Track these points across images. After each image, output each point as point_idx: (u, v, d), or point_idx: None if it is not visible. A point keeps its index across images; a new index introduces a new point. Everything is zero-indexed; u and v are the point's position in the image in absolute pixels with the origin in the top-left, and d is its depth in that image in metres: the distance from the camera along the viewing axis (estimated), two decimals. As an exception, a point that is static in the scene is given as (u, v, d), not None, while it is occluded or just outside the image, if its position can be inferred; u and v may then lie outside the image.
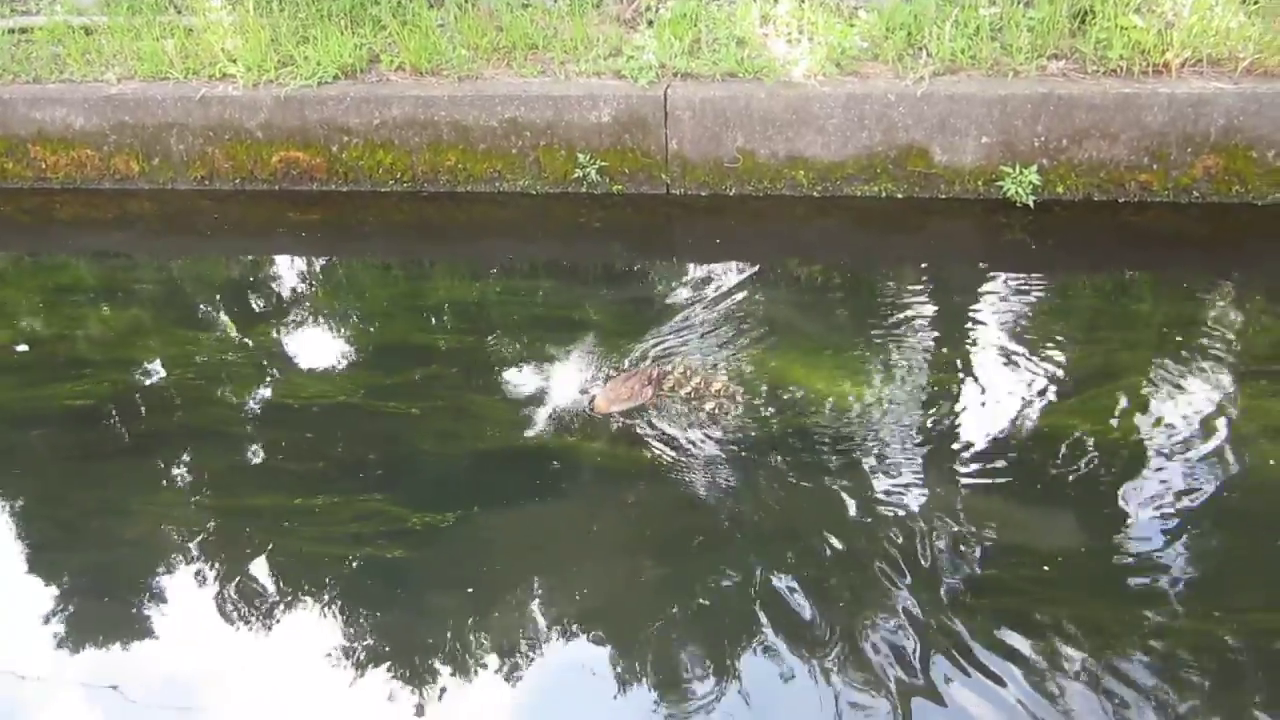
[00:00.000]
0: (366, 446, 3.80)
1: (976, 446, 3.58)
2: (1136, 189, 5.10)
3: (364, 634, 3.09)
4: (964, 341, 4.18)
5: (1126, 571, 3.08)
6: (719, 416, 3.76)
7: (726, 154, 5.38)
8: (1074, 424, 3.64)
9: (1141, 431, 3.61)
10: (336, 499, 3.55)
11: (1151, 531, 3.19)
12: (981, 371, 3.99)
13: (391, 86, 5.63)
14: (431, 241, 5.48)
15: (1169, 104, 4.88)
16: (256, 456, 3.88)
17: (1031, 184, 5.05)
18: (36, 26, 6.39)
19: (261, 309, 4.89)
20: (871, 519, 3.30)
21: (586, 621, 3.08)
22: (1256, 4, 5.15)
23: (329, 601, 3.21)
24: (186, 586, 3.31)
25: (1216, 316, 4.27)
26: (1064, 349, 4.08)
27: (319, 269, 5.29)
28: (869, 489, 3.41)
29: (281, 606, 3.21)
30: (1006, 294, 4.52)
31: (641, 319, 4.48)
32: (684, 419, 3.77)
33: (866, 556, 3.16)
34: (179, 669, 3.05)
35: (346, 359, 4.41)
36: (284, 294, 5.04)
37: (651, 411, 3.79)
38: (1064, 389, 3.85)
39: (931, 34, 5.33)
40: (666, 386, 3.89)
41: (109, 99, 5.81)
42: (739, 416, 3.77)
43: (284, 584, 3.28)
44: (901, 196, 5.31)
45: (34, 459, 3.96)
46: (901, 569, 3.10)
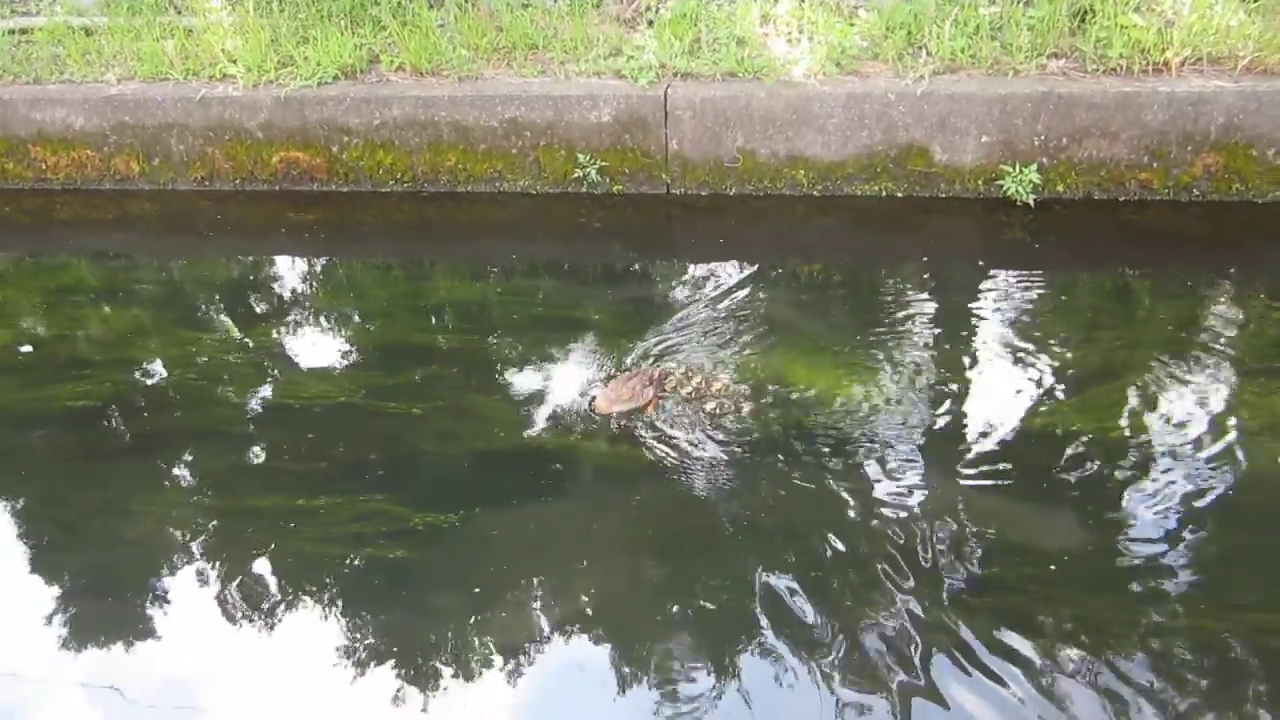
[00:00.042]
0: (368, 447, 3.80)
1: (977, 445, 3.58)
2: (1137, 187, 5.10)
3: (366, 634, 3.10)
4: (964, 340, 4.18)
5: (1128, 570, 3.07)
6: (719, 416, 3.77)
7: (727, 154, 5.38)
8: (1075, 422, 3.65)
9: (1142, 430, 3.61)
10: (338, 499, 3.55)
11: (1153, 530, 3.19)
12: (982, 370, 3.99)
13: (392, 87, 5.63)
14: (432, 241, 5.48)
15: (1169, 102, 4.88)
16: (257, 457, 3.88)
17: (1032, 183, 5.05)
18: (36, 27, 6.39)
19: (262, 309, 4.89)
20: (872, 518, 3.30)
21: (588, 621, 3.09)
22: (1256, 2, 5.15)
23: (330, 602, 3.21)
24: (188, 587, 3.31)
25: (1217, 315, 4.28)
26: (1064, 348, 4.08)
27: (319, 269, 5.30)
28: (870, 488, 3.42)
29: (283, 607, 3.22)
30: (1007, 293, 4.53)
31: (642, 319, 4.48)
32: (685, 419, 3.77)
33: (867, 556, 3.16)
34: (181, 669, 3.05)
35: (347, 359, 4.41)
36: (284, 294, 5.05)
37: (653, 412, 3.80)
38: (1065, 388, 3.85)
39: (931, 33, 5.34)
40: (668, 387, 3.89)
41: (109, 99, 5.82)
42: (740, 416, 3.77)
43: (285, 584, 3.29)
44: (902, 196, 5.31)
45: (35, 460, 3.96)
46: (902, 568, 3.10)
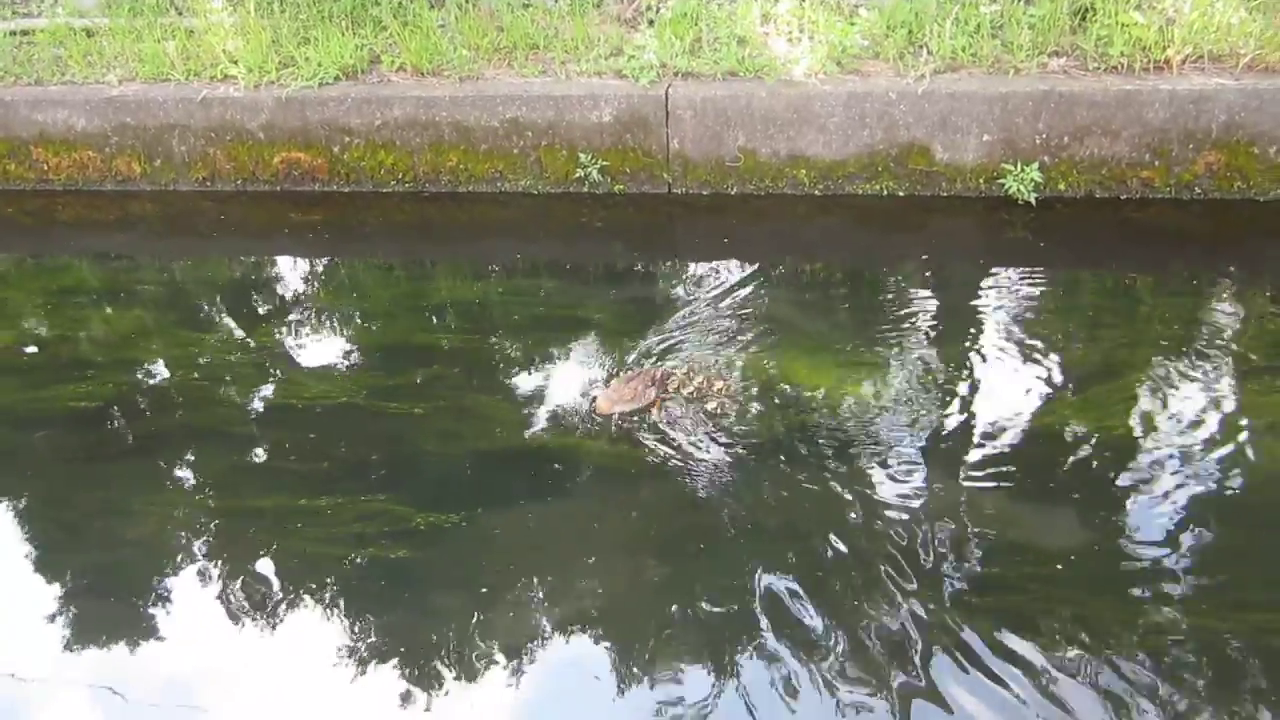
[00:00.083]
0: (369, 447, 3.80)
1: (978, 444, 3.58)
2: (1138, 186, 5.10)
3: (368, 634, 3.10)
4: (966, 339, 4.18)
5: (1130, 569, 3.07)
6: (720, 416, 3.76)
7: (728, 153, 5.38)
8: (1077, 421, 3.64)
9: (1144, 428, 3.61)
10: (339, 499, 3.56)
11: (1155, 529, 3.19)
12: (984, 369, 3.99)
13: (393, 87, 5.64)
14: (433, 242, 5.49)
15: (1170, 100, 4.88)
16: (259, 457, 3.88)
17: (1033, 181, 5.05)
18: (38, 29, 6.40)
19: (264, 310, 4.90)
20: (873, 518, 3.29)
21: (589, 621, 3.08)
22: (1257, 0, 5.15)
23: (332, 602, 3.21)
24: (190, 587, 3.32)
25: (1219, 313, 4.27)
26: (1066, 346, 4.08)
27: (321, 270, 5.30)
28: (871, 488, 3.41)
29: (285, 607, 3.22)
30: (1009, 291, 4.52)
31: (643, 318, 4.48)
32: (686, 419, 3.77)
33: (868, 555, 3.16)
34: (183, 669, 3.05)
35: (349, 359, 4.42)
36: (286, 295, 5.05)
37: (656, 413, 3.79)
38: (1067, 386, 3.85)
39: (932, 32, 5.33)
40: (670, 388, 3.89)
41: (110, 101, 5.82)
42: (741, 416, 3.77)
43: (287, 584, 3.29)
44: (903, 195, 5.31)
45: (37, 460, 3.96)
46: (903, 568, 3.10)
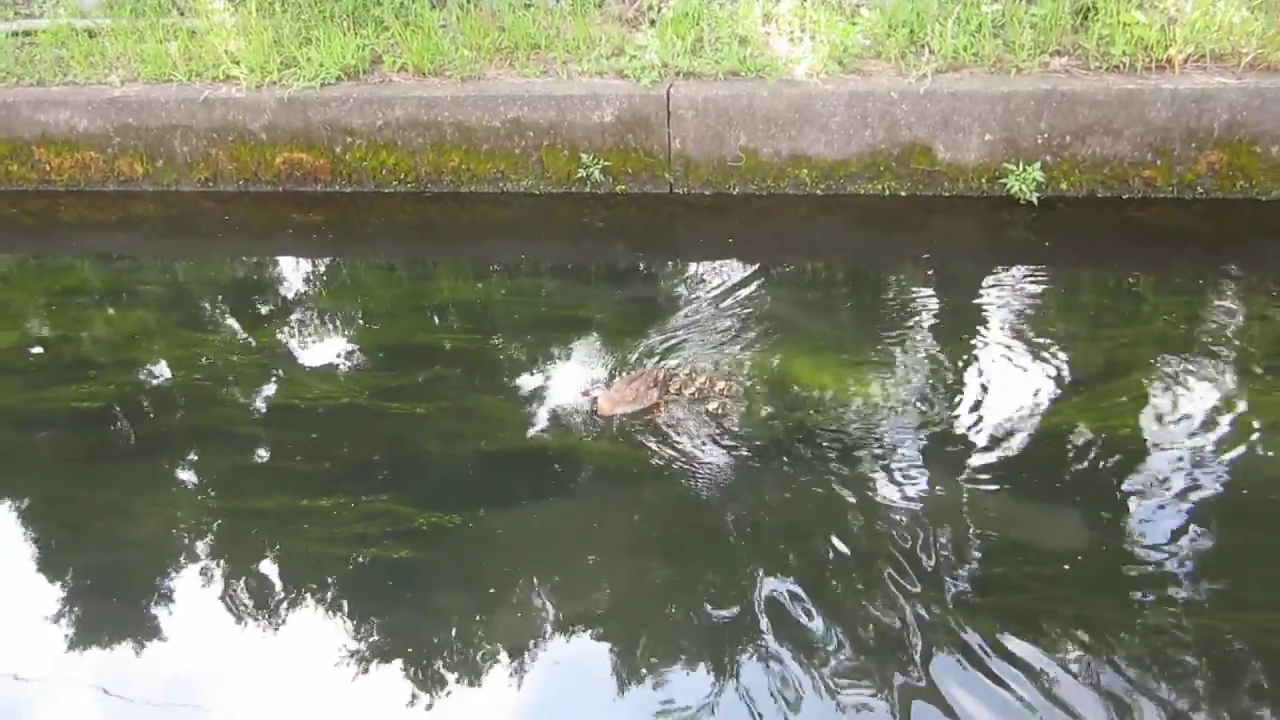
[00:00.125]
0: (372, 447, 3.81)
1: (982, 444, 3.58)
2: (1140, 185, 5.10)
3: (370, 634, 3.10)
4: (969, 339, 4.18)
5: (1132, 570, 3.07)
6: (722, 416, 3.76)
7: (730, 153, 5.38)
8: (1078, 421, 3.64)
9: (1147, 428, 3.60)
10: (342, 499, 3.56)
11: (1157, 529, 3.19)
12: (986, 369, 3.98)
13: (394, 87, 5.64)
14: (435, 242, 5.49)
15: (1172, 100, 4.88)
16: (261, 457, 3.88)
17: (1035, 181, 5.04)
18: (40, 29, 6.41)
19: (266, 310, 4.90)
20: (876, 518, 3.29)
21: (592, 622, 3.09)
22: (1259, -1, 5.16)
23: (335, 602, 3.22)
24: (192, 587, 3.32)
25: (1221, 312, 4.27)
26: (1068, 346, 4.08)
27: (323, 270, 5.30)
28: (873, 488, 3.41)
29: (287, 607, 3.22)
30: (1011, 291, 4.52)
31: (645, 318, 4.48)
32: (688, 420, 3.77)
33: (870, 556, 3.16)
34: (186, 670, 3.05)
35: (351, 360, 4.42)
36: (288, 295, 5.05)
37: (660, 414, 3.79)
38: (1069, 386, 3.85)
39: (934, 31, 5.33)
40: (673, 389, 3.88)
41: (112, 101, 5.83)
42: (743, 416, 3.77)
43: (289, 584, 3.29)
44: (905, 194, 5.31)
45: (40, 460, 3.97)
46: (905, 568, 3.09)
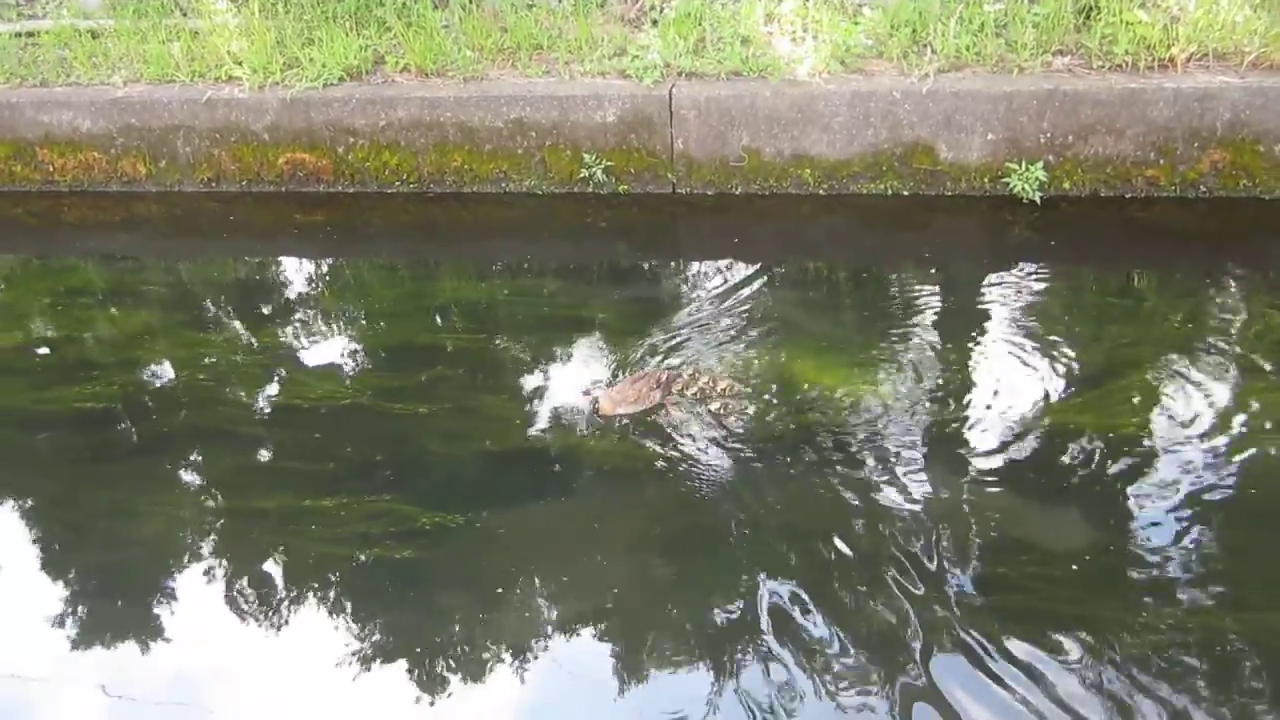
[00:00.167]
0: (374, 447, 3.81)
1: (984, 444, 3.58)
2: (1143, 184, 5.09)
3: (373, 634, 3.10)
4: (971, 339, 4.18)
5: (1135, 569, 3.06)
6: (725, 416, 3.76)
7: (732, 153, 5.38)
8: (1082, 421, 3.64)
9: (1150, 428, 3.60)
10: (345, 499, 3.56)
11: (1161, 529, 3.18)
12: (989, 369, 3.98)
13: (397, 88, 5.64)
14: (438, 242, 5.49)
15: (1175, 99, 4.87)
16: (265, 457, 3.89)
17: (1038, 180, 5.04)
18: (43, 30, 6.41)
19: (269, 310, 4.91)
20: (878, 518, 3.29)
21: (594, 621, 3.09)
22: (1262, -2, 5.15)
23: (338, 602, 3.22)
24: (195, 587, 3.32)
25: (1224, 311, 4.27)
26: (1071, 345, 4.07)
27: (326, 270, 5.31)
28: (876, 488, 3.41)
29: (290, 607, 3.22)
30: (1014, 291, 4.52)
31: (648, 318, 4.48)
32: (691, 420, 3.77)
33: (873, 556, 3.15)
34: (189, 670, 3.06)
35: (354, 360, 4.42)
36: (291, 295, 5.06)
37: (659, 414, 3.79)
38: (1072, 386, 3.84)
39: (936, 31, 5.33)
40: (675, 389, 3.88)
41: (115, 102, 5.83)
42: (745, 416, 3.77)
43: (293, 585, 3.29)
44: (907, 194, 5.30)
45: (43, 460, 3.97)
46: (907, 568, 3.09)
